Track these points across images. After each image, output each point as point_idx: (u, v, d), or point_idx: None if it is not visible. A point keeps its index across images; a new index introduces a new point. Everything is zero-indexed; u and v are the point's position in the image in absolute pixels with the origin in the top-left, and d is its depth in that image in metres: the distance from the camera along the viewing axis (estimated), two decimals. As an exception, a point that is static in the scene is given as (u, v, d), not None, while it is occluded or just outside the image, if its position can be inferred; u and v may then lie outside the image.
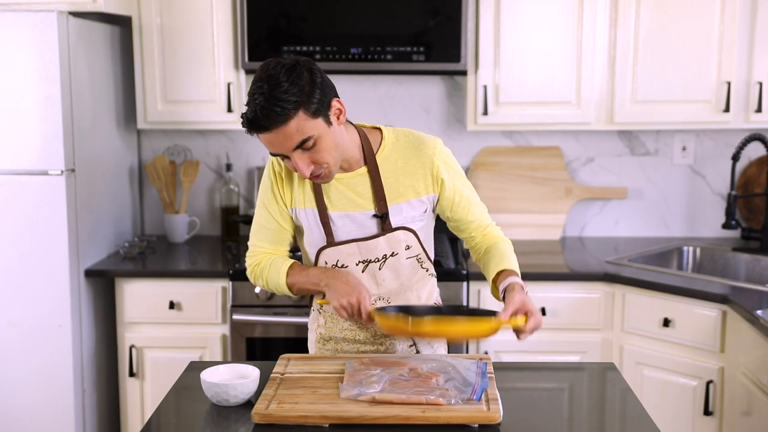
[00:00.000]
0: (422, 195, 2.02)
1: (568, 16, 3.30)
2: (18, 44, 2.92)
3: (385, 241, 2.01)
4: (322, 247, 2.03)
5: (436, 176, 2.02)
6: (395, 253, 2.03)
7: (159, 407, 1.89)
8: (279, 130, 1.79)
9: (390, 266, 2.04)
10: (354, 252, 2.02)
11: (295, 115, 1.78)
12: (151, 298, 3.18)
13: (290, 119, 1.78)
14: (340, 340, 2.12)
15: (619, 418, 1.89)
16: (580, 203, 3.74)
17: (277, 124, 1.78)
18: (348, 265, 2.03)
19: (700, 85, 3.30)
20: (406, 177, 2.01)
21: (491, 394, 1.81)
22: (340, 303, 1.94)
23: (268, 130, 1.79)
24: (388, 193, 2.00)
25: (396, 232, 2.01)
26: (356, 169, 2.01)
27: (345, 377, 1.88)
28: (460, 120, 3.70)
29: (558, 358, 3.08)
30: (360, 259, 2.02)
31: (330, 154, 1.87)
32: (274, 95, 1.76)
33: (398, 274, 2.06)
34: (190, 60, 3.36)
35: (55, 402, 3.07)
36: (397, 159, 2.01)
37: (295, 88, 1.78)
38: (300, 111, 1.79)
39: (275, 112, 1.77)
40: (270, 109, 1.77)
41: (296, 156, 1.84)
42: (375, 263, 2.03)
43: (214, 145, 3.76)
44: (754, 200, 3.64)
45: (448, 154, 2.05)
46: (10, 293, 3.03)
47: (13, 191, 2.99)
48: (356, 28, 3.26)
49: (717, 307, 2.84)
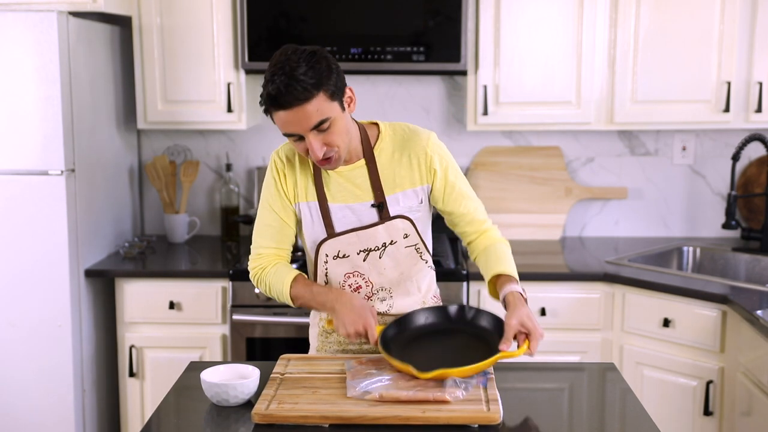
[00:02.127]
0: (417, 185, 2.07)
1: (568, 16, 3.30)
2: (18, 44, 2.92)
3: (383, 229, 2.05)
4: (323, 240, 2.07)
5: (429, 166, 2.07)
6: (394, 241, 2.07)
7: (159, 407, 1.89)
8: (300, 108, 1.84)
9: (390, 254, 2.07)
10: (354, 241, 2.05)
11: (316, 95, 1.84)
12: (151, 298, 3.18)
13: (312, 98, 1.84)
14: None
15: (619, 418, 1.89)
16: (580, 203, 3.74)
17: (299, 101, 1.83)
18: (349, 255, 2.06)
19: (700, 85, 3.30)
20: (401, 168, 2.06)
21: (491, 394, 1.81)
22: (347, 331, 1.97)
23: (289, 107, 1.84)
24: (385, 184, 2.05)
25: (394, 220, 2.05)
26: (355, 162, 2.06)
27: (348, 376, 1.88)
28: (460, 120, 3.70)
29: (558, 359, 3.08)
30: (361, 248, 2.06)
31: (342, 138, 1.93)
32: (295, 75, 1.82)
33: (398, 263, 2.09)
34: (190, 60, 3.36)
35: (55, 402, 3.07)
36: (393, 151, 2.07)
37: (316, 71, 1.84)
38: (320, 92, 1.84)
39: (298, 90, 1.82)
40: (293, 87, 1.82)
41: (311, 136, 1.89)
42: (375, 251, 2.07)
43: (214, 145, 3.76)
44: (754, 200, 3.63)
45: (441, 146, 2.10)
46: (10, 293, 3.03)
47: (13, 191, 2.99)
48: (356, 28, 3.26)
49: (717, 307, 2.84)
